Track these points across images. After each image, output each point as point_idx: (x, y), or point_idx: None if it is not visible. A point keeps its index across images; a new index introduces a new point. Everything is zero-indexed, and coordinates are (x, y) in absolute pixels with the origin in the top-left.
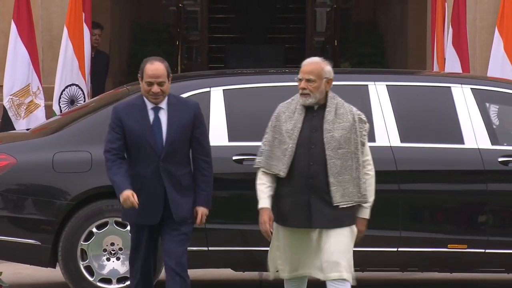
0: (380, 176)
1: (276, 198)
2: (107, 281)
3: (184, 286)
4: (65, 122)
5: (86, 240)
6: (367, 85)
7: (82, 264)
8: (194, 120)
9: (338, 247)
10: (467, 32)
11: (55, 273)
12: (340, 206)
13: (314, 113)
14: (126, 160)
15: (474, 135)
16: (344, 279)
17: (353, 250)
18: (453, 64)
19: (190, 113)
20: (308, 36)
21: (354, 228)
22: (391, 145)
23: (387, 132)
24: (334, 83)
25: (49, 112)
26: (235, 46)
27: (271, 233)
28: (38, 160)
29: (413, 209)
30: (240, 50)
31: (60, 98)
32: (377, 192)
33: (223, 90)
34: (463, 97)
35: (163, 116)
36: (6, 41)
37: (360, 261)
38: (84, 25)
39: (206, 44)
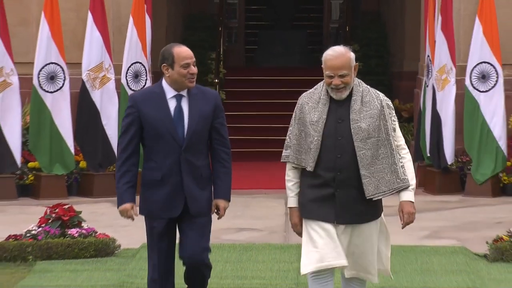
0: None
1: (301, 191)
2: None
3: (201, 278)
4: None
5: None
6: None
7: None
8: (214, 110)
9: (367, 248)
10: (453, 20)
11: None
12: (374, 198)
13: (339, 102)
14: (137, 158)
15: None
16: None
17: None
18: (441, 46)
19: (211, 103)
20: (325, 23)
21: (382, 219)
22: None
23: None
24: None
25: (118, 84)
26: (266, 32)
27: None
28: None
29: None
30: (271, 35)
31: (127, 73)
32: None
33: None
34: None
35: (185, 104)
36: (84, 28)
37: None
38: (146, 14)
39: (243, 30)
